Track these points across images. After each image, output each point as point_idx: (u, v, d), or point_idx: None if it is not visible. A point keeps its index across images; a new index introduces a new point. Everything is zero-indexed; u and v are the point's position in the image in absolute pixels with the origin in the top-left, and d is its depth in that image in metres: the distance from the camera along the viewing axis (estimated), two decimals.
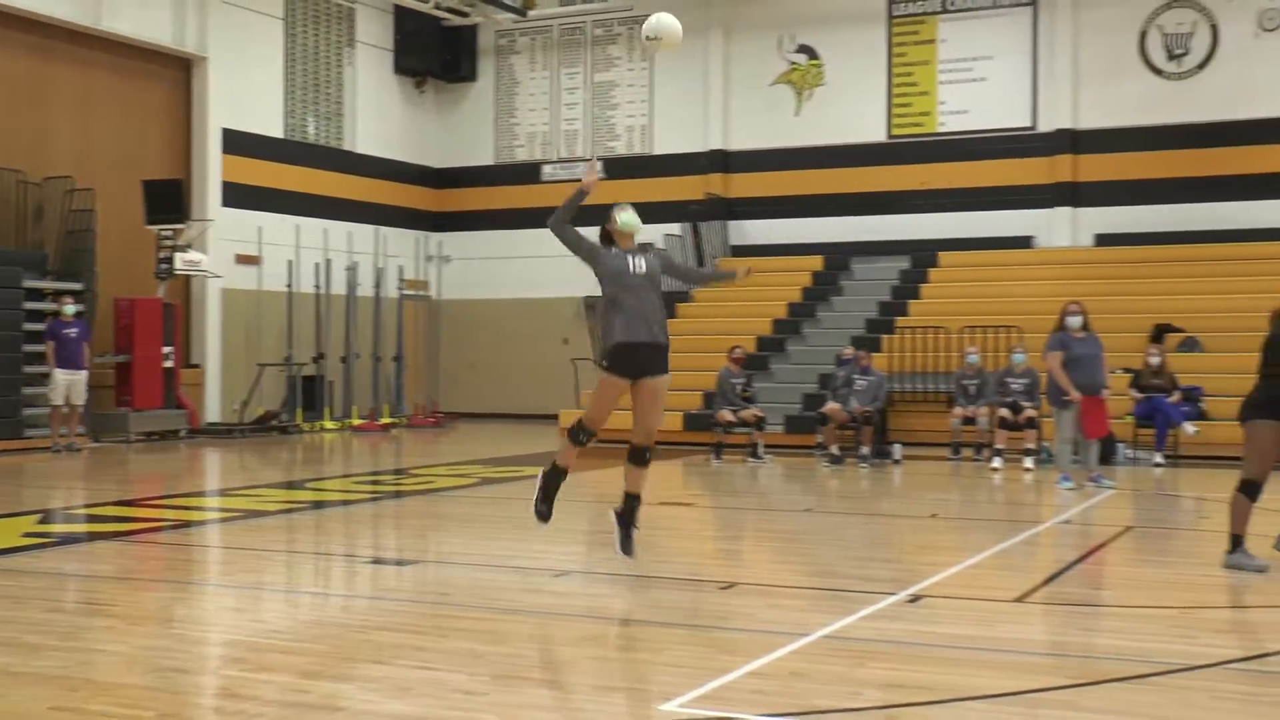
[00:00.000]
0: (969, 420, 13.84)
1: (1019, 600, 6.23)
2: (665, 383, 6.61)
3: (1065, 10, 18.24)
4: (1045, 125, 18.57)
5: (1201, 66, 17.74)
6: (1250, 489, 6.66)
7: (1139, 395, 13.79)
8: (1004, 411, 13.19)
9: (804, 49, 19.83)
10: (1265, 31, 17.35)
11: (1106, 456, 12.58)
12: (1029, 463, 12.72)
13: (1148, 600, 6.38)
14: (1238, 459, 7.41)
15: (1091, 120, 18.25)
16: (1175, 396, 13.77)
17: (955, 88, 18.89)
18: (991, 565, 7.43)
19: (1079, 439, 11.20)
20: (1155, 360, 13.93)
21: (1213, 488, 10.67)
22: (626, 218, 6.69)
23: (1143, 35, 18.01)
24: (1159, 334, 14.90)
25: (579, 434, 6.60)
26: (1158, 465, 13.31)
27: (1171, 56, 17.86)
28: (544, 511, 6.78)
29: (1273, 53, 17.36)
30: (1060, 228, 18.49)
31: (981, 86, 18.75)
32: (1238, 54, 17.50)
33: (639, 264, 6.57)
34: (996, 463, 12.89)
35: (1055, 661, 5.05)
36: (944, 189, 18.84)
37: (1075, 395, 10.83)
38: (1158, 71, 17.97)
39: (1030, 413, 12.91)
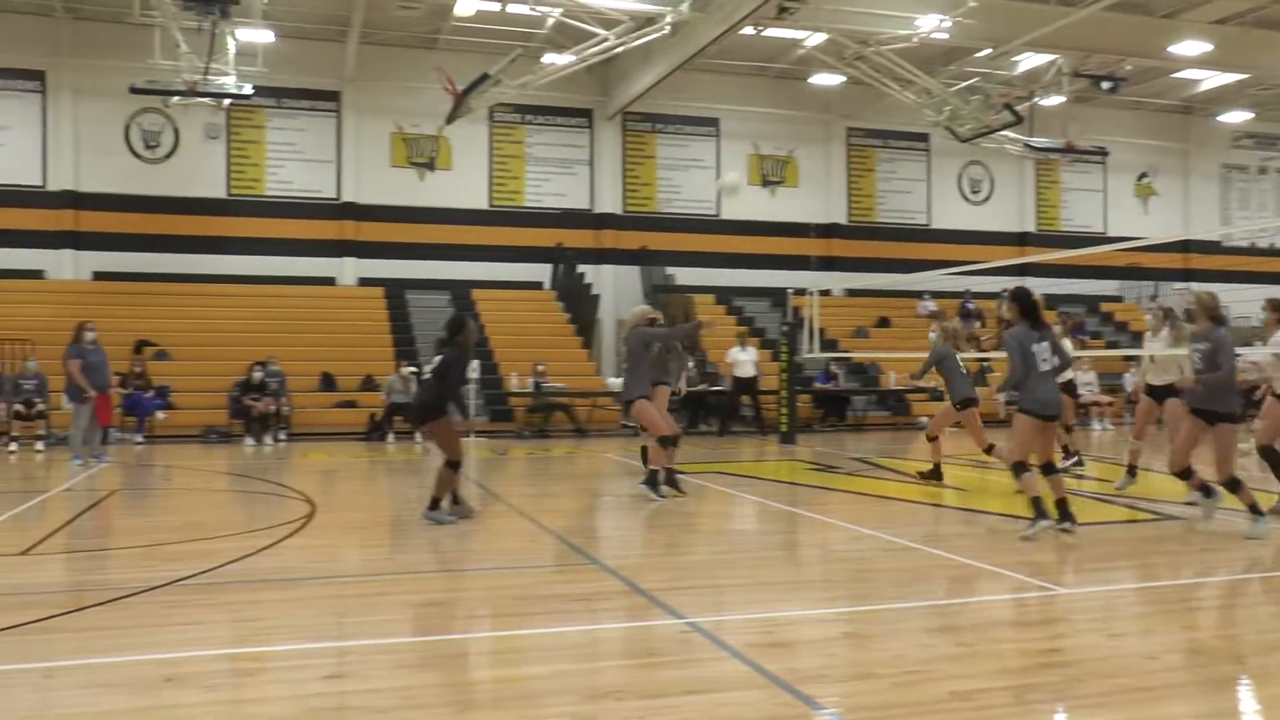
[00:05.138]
0: None
1: (25, 553, 7.89)
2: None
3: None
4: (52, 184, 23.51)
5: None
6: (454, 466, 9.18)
7: (125, 392, 18.46)
8: (19, 406, 17.28)
9: None
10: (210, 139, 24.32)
11: (105, 437, 15.97)
12: (40, 446, 16.74)
13: (122, 543, 8.75)
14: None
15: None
16: (150, 392, 18.90)
17: None
18: (5, 528, 9.22)
19: (91, 426, 14.62)
20: (139, 368, 19.17)
21: (179, 458, 15.75)
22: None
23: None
24: (139, 347, 20.26)
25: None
26: (138, 444, 18.00)
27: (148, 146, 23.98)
28: None
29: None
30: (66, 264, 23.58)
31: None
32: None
33: None
34: (13, 446, 16.66)
35: (50, 596, 6.46)
36: None
37: (92, 393, 14.41)
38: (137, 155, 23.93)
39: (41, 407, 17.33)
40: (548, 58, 22.09)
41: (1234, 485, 8.33)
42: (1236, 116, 30.98)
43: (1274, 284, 29.65)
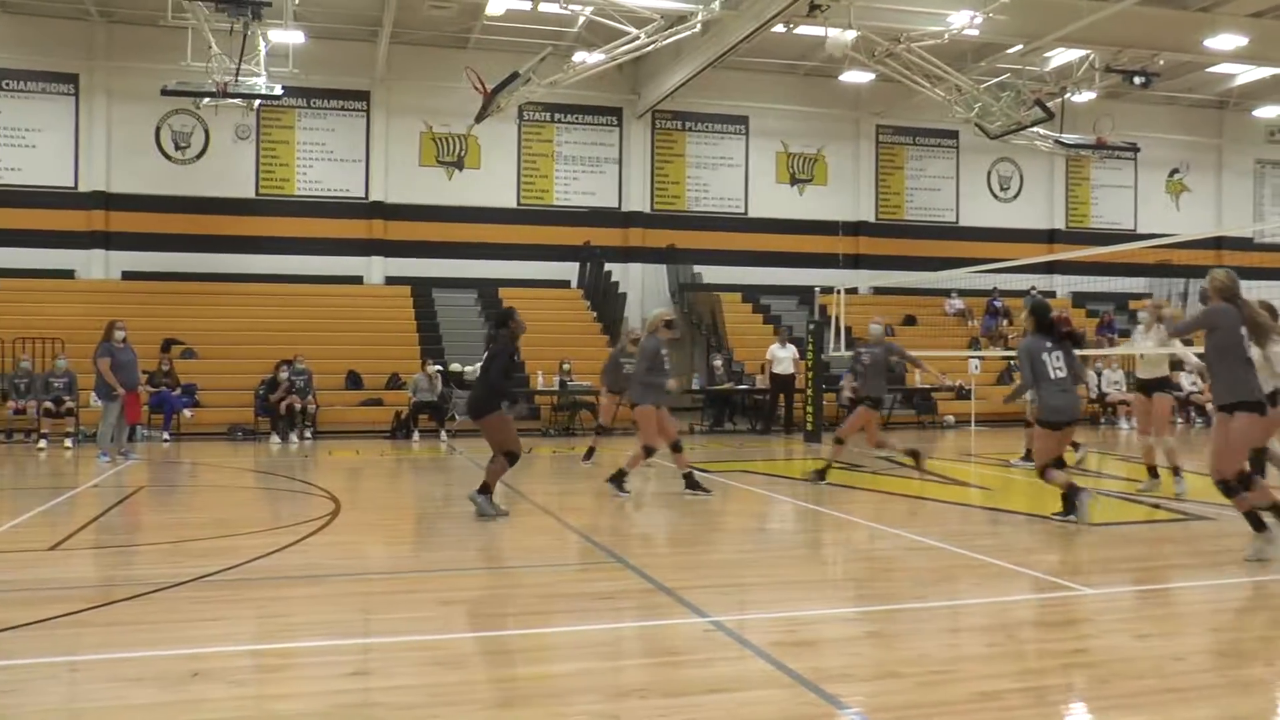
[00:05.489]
0: (19, 411, 17.92)
1: (53, 548, 8.02)
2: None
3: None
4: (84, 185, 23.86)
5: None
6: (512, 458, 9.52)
7: (153, 390, 18.31)
8: (48, 404, 17.49)
9: None
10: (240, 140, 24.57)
11: (132, 434, 16.54)
12: (69, 443, 16.80)
13: (149, 539, 8.81)
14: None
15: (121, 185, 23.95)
16: (178, 390, 18.96)
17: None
18: (33, 523, 9.29)
19: (120, 424, 14.88)
20: (166, 366, 19.34)
21: (206, 455, 16.06)
22: None
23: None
24: (167, 345, 20.47)
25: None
26: (165, 441, 18.06)
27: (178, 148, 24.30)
28: None
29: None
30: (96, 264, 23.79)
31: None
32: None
33: None
34: (42, 443, 16.65)
35: (78, 591, 6.50)
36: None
37: (121, 391, 14.51)
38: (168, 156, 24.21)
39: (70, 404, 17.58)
40: (578, 56, 22.11)
41: (1226, 489, 7.45)
42: (1272, 111, 30.58)
43: None
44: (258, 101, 21.55)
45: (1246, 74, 27.46)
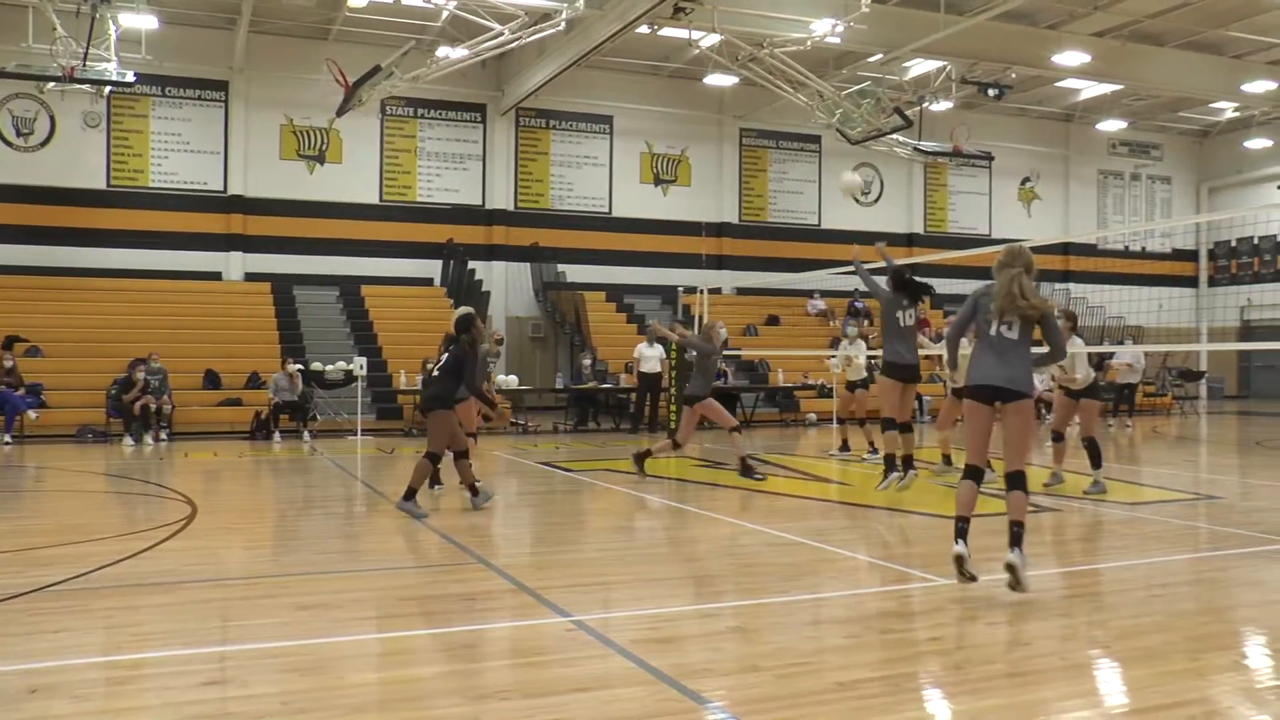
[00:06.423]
0: None
1: None
2: None
3: None
4: None
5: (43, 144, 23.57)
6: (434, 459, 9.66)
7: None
8: None
9: None
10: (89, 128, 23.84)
11: None
12: None
13: None
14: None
15: None
16: (21, 390, 18.27)
17: None
18: None
19: None
20: (9, 363, 18.26)
21: (52, 459, 15.28)
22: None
23: None
24: (9, 343, 19.18)
25: None
26: (7, 444, 17.30)
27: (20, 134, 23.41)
28: None
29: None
30: None
31: None
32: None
33: None
34: None
35: None
36: None
37: None
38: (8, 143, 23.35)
39: None
40: (441, 51, 21.89)
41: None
42: (1112, 125, 32.16)
43: (1145, 285, 30.87)
44: (108, 88, 20.71)
45: (1090, 89, 28.81)
